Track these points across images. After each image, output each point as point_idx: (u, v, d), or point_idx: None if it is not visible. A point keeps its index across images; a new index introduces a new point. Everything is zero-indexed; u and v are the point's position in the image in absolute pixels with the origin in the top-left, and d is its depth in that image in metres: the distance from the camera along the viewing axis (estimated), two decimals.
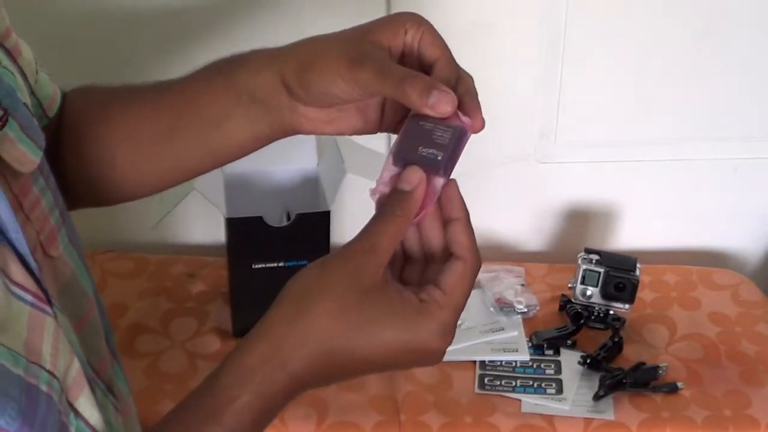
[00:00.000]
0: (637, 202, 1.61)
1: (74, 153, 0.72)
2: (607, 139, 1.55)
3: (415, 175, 0.62)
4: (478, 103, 0.66)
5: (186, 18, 1.44)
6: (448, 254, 0.63)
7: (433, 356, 0.61)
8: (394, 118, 0.69)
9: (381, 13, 1.41)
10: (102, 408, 0.60)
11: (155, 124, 0.73)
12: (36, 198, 0.61)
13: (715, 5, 1.45)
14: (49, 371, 0.53)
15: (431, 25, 0.67)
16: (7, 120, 0.56)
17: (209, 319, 1.42)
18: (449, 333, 0.61)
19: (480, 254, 0.63)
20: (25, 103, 0.61)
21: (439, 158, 0.62)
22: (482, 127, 0.65)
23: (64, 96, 0.75)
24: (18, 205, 0.58)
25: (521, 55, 1.47)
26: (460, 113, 0.64)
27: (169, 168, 0.74)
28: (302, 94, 0.67)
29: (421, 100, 0.62)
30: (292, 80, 0.67)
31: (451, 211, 0.63)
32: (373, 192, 0.65)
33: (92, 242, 1.50)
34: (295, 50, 0.69)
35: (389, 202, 0.62)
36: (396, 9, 1.40)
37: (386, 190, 0.64)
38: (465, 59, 0.73)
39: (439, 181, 0.63)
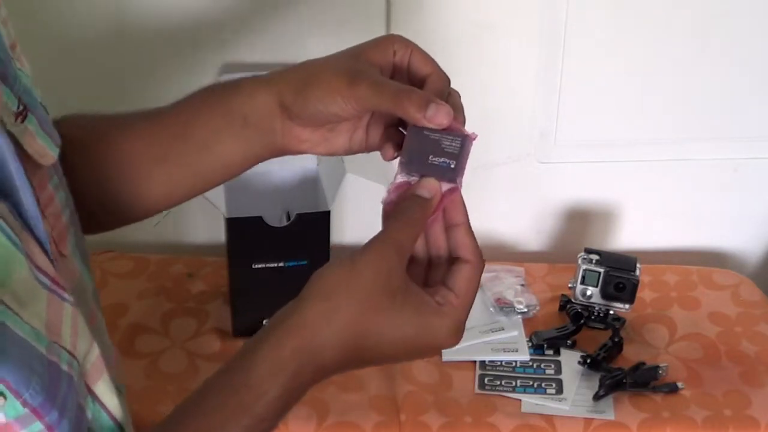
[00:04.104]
0: (637, 202, 1.61)
1: (67, 178, 0.73)
2: (607, 139, 1.55)
3: (434, 185, 0.67)
4: (464, 117, 0.71)
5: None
6: (451, 257, 0.68)
7: (441, 349, 0.66)
8: (376, 137, 0.73)
9: (381, 24, 1.42)
10: (124, 412, 0.61)
11: (149, 148, 0.75)
12: (50, 194, 0.62)
13: (715, 5, 1.45)
14: (69, 351, 0.55)
15: (417, 45, 0.72)
16: (26, 115, 0.58)
17: (209, 319, 1.42)
18: (461, 330, 0.66)
19: (482, 256, 0.68)
20: (41, 103, 0.62)
21: (453, 166, 0.67)
22: (475, 137, 0.69)
23: (56, 122, 0.76)
24: (35, 199, 0.59)
25: (521, 55, 1.47)
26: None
27: (162, 191, 0.76)
28: (299, 114, 0.71)
29: (419, 113, 0.66)
30: (290, 99, 0.71)
31: (456, 216, 0.68)
32: (385, 200, 0.69)
33: (92, 242, 1.48)
34: (291, 72, 0.72)
35: (408, 206, 0.66)
36: (397, 13, 1.40)
37: (394, 196, 0.68)
38: (465, 59, 0.75)
39: (451, 187, 0.67)
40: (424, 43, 0.73)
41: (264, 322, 1.42)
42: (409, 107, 0.66)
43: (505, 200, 1.60)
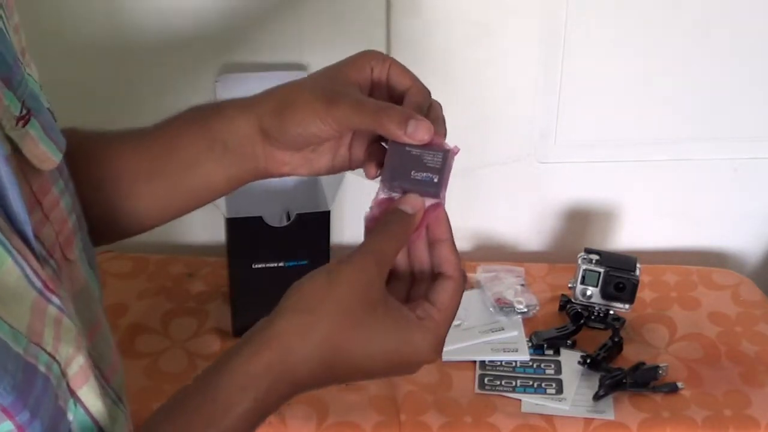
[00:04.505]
0: (637, 202, 1.61)
1: None
2: (607, 139, 1.55)
3: (418, 201, 0.66)
4: (446, 129, 0.71)
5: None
6: (434, 273, 0.67)
7: (420, 366, 0.65)
8: (360, 154, 0.73)
9: (381, 24, 1.41)
10: (112, 418, 0.61)
11: (136, 165, 0.75)
12: (55, 199, 0.62)
13: (715, 5, 1.45)
14: (50, 354, 0.54)
15: (394, 59, 0.72)
16: (29, 119, 0.58)
17: (209, 319, 1.42)
18: (441, 346, 0.65)
19: (465, 274, 0.68)
20: (48, 108, 0.62)
21: (435, 180, 0.67)
22: (457, 151, 0.69)
23: None
24: (37, 203, 0.60)
25: (521, 55, 1.47)
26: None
27: (152, 208, 0.76)
28: (279, 137, 0.70)
29: (400, 130, 0.66)
30: (269, 124, 0.71)
31: (440, 232, 0.67)
32: (368, 216, 0.68)
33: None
34: (270, 96, 0.72)
35: (391, 220, 0.66)
36: (397, 13, 1.40)
37: (377, 212, 0.67)
38: (465, 59, 0.75)
39: (434, 202, 0.67)
40: (424, 44, 0.73)
41: None
42: (389, 125, 0.66)
43: (505, 200, 1.60)
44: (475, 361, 1.35)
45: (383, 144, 0.71)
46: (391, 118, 0.66)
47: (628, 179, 1.59)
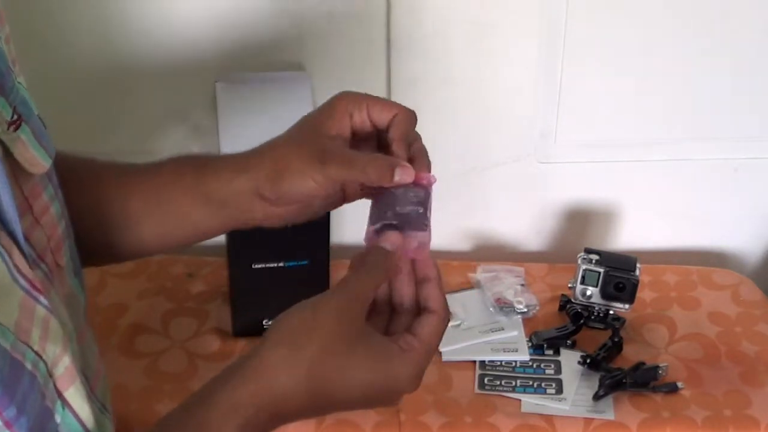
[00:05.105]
0: (637, 202, 1.61)
1: None
2: (607, 139, 1.55)
3: (397, 239, 0.70)
4: (428, 160, 0.76)
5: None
6: (418, 308, 0.70)
7: (401, 396, 0.68)
8: (352, 193, 0.79)
9: (381, 24, 1.41)
10: (99, 425, 0.61)
11: (123, 202, 0.78)
12: (45, 204, 0.63)
13: (715, 5, 1.45)
14: (36, 352, 0.55)
15: (369, 95, 0.76)
16: (20, 124, 0.59)
17: (209, 319, 1.42)
18: (421, 377, 0.67)
19: (449, 310, 0.70)
20: (38, 115, 0.63)
21: (420, 211, 0.71)
22: (434, 181, 0.75)
23: None
24: (28, 207, 0.61)
25: (521, 55, 1.47)
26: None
27: (140, 242, 0.79)
28: (275, 199, 0.75)
29: (386, 179, 0.71)
30: (265, 188, 0.75)
31: (428, 271, 0.70)
32: (355, 255, 0.71)
33: None
34: (262, 159, 0.75)
35: (371, 257, 0.69)
36: (397, 13, 1.40)
37: (365, 248, 0.71)
38: (465, 59, 0.75)
39: (420, 235, 0.70)
40: (424, 44, 0.74)
41: (264, 322, 1.42)
42: (376, 176, 0.71)
43: (505, 200, 1.60)
44: (474, 361, 1.35)
45: None
46: (377, 170, 0.71)
47: (628, 179, 1.59)
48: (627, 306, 1.36)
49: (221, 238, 1.37)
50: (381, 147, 0.77)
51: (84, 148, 0.81)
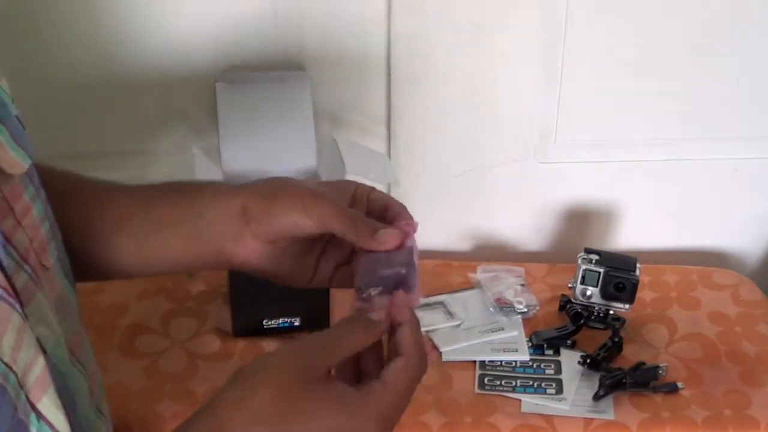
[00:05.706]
0: (637, 202, 1.61)
1: None
2: (607, 139, 1.55)
3: (384, 304, 0.67)
4: (411, 216, 0.75)
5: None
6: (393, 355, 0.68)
7: None
8: (326, 271, 0.77)
9: (381, 24, 1.41)
10: (94, 431, 0.60)
11: (102, 219, 0.77)
12: (27, 205, 0.63)
13: (715, 5, 1.45)
14: (6, 364, 0.54)
15: (375, 188, 0.77)
16: None
17: (209, 319, 1.42)
18: (389, 421, 0.64)
19: (425, 355, 0.67)
20: (16, 116, 0.62)
21: (403, 272, 0.69)
22: (416, 228, 0.74)
23: None
24: (9, 208, 0.60)
25: (521, 55, 1.47)
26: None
27: (102, 263, 0.78)
28: (260, 219, 0.73)
29: (371, 240, 0.71)
30: (255, 205, 0.73)
31: (400, 317, 0.67)
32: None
33: None
34: (261, 182, 0.76)
35: (358, 323, 0.67)
36: (397, 13, 1.40)
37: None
38: (465, 59, 0.74)
39: (407, 294, 0.68)
40: (425, 44, 0.74)
41: (264, 322, 1.42)
42: (361, 234, 0.71)
43: (505, 200, 1.60)
44: (474, 361, 1.35)
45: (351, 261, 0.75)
46: (365, 228, 0.71)
47: (628, 179, 1.59)
48: (627, 306, 1.36)
49: None
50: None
51: (84, 148, 0.81)
